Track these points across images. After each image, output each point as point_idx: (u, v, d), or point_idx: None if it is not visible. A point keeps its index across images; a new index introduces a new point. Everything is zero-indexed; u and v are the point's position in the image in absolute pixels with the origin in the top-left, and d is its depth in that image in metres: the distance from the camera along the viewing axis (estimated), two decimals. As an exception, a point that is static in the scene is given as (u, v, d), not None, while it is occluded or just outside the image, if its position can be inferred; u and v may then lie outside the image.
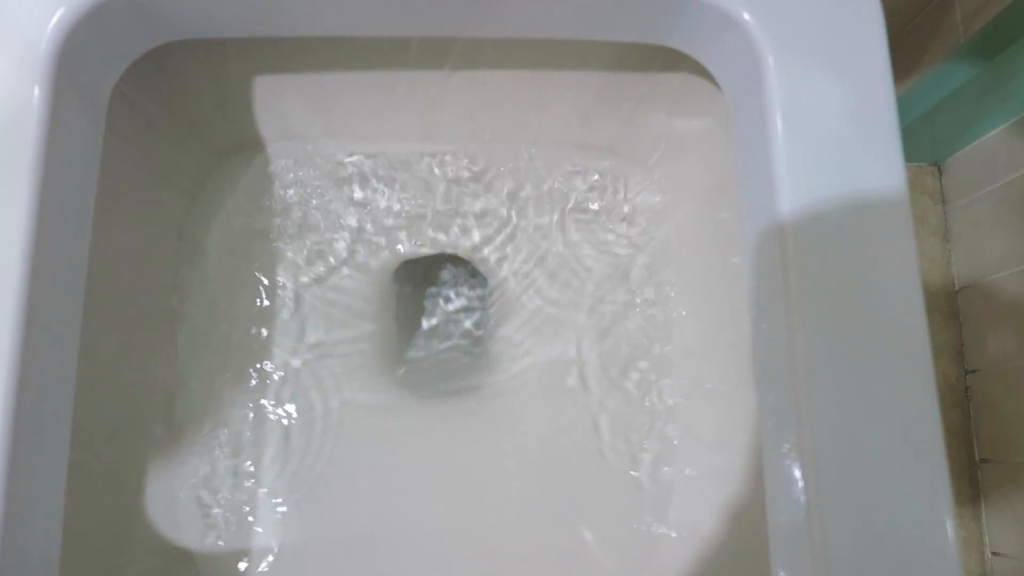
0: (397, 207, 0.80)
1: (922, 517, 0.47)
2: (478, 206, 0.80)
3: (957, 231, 0.96)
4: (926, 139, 0.95)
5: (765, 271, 0.53)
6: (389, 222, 0.80)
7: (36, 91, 0.48)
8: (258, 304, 0.76)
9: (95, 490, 0.62)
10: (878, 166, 0.52)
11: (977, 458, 0.91)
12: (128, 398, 0.68)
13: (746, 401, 0.66)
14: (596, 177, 0.80)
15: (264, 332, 0.75)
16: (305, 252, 0.78)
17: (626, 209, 0.80)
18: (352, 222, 0.79)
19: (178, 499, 0.70)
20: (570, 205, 0.80)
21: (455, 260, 0.87)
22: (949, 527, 0.46)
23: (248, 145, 0.78)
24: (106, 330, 0.64)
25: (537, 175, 0.80)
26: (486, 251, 0.81)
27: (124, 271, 0.67)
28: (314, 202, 0.79)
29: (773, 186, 0.51)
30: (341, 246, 0.79)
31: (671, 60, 0.67)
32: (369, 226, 0.79)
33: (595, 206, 0.80)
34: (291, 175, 0.78)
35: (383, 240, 0.80)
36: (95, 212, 0.56)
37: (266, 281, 0.76)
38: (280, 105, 0.74)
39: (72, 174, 0.53)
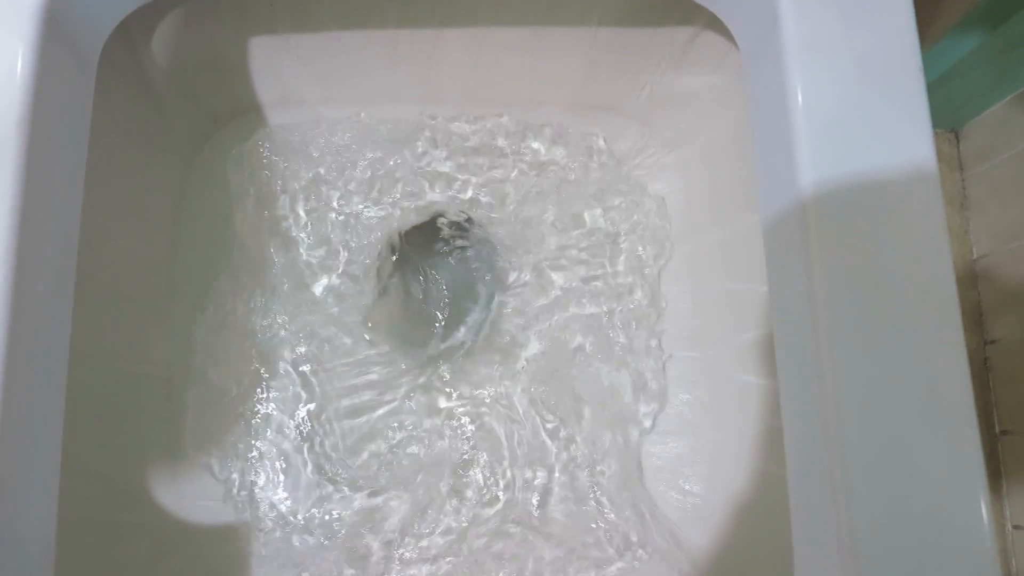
0: (399, 173, 0.78)
1: (954, 493, 0.44)
2: (480, 169, 0.78)
3: (975, 199, 0.93)
4: (942, 105, 0.92)
5: (784, 238, 0.50)
6: (391, 186, 0.78)
7: (22, 49, 0.46)
8: (258, 276, 0.74)
9: (91, 473, 0.60)
10: (904, 125, 0.49)
11: (997, 430, 0.89)
12: (125, 376, 0.66)
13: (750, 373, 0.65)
14: (600, 139, 0.78)
15: (265, 304, 0.73)
16: (306, 221, 0.76)
17: (632, 170, 0.77)
18: (353, 188, 0.77)
19: (178, 479, 0.68)
20: (574, 166, 0.77)
21: (456, 227, 0.85)
22: (983, 503, 0.44)
23: (246, 110, 0.75)
24: (99, 305, 0.62)
25: (540, 135, 0.77)
26: (486, 215, 0.78)
27: (116, 241, 0.65)
28: (316, 170, 0.76)
29: (792, 147, 0.48)
30: (339, 215, 0.76)
31: (680, 13, 0.65)
32: (374, 191, 0.77)
33: (599, 167, 0.77)
34: (291, 141, 0.76)
35: (386, 205, 0.78)
36: (85, 180, 0.54)
37: (267, 253, 0.74)
38: (278, 68, 0.72)
39: (60, 138, 0.51)
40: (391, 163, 0.77)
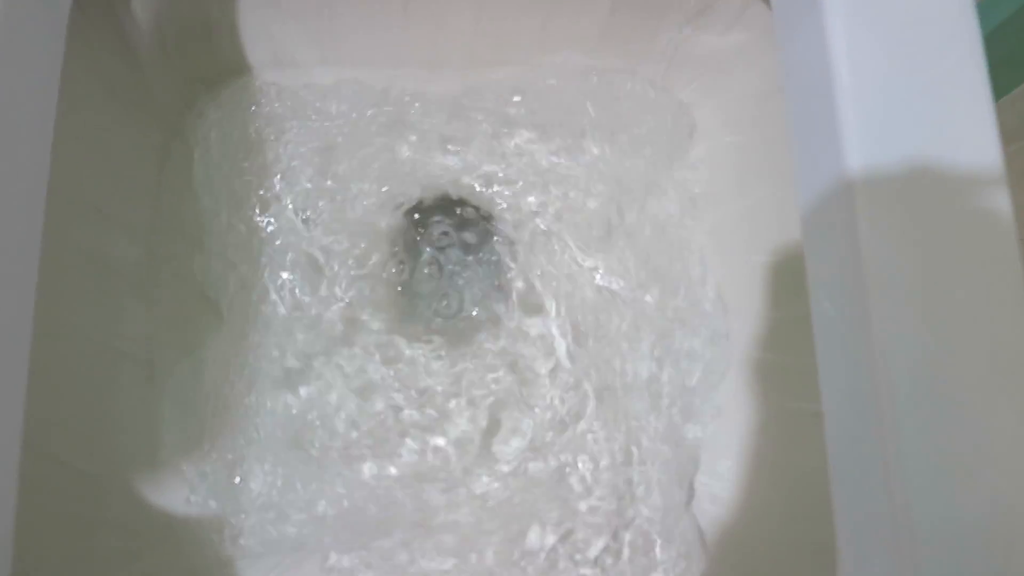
0: (404, 148, 0.72)
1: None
2: (489, 139, 0.72)
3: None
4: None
5: (827, 217, 0.45)
6: (394, 160, 0.72)
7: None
8: (247, 249, 0.68)
9: (59, 458, 0.54)
10: (962, 93, 0.44)
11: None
12: (101, 355, 0.60)
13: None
14: (615, 102, 0.72)
15: (256, 280, 0.68)
16: (299, 192, 0.70)
17: (650, 141, 0.72)
18: (350, 157, 0.71)
19: (158, 468, 0.62)
20: (587, 132, 0.72)
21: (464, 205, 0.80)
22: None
23: (235, 73, 0.70)
24: (71, 280, 0.56)
25: (550, 100, 0.72)
26: (498, 191, 0.73)
27: (93, 206, 0.60)
28: (311, 138, 0.71)
29: (836, 118, 0.43)
30: (336, 186, 0.71)
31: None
32: (374, 162, 0.72)
33: (612, 136, 0.72)
34: (283, 106, 0.70)
35: (387, 177, 0.72)
36: (58, 138, 0.49)
37: (258, 223, 0.69)
38: (268, 27, 0.67)
39: (25, 98, 0.46)
40: (392, 131, 0.72)
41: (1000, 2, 0.76)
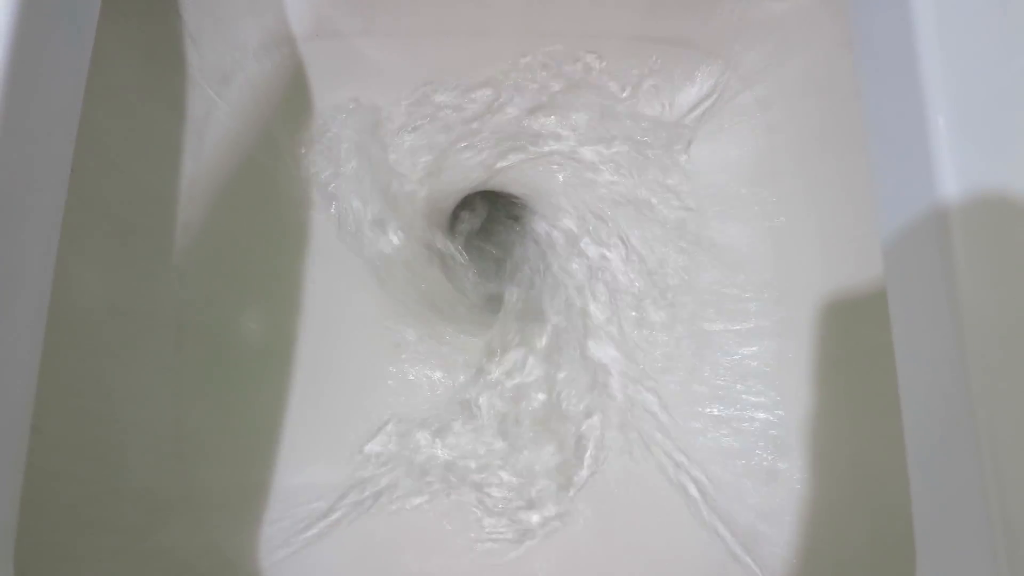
0: (450, 125, 0.70)
1: None
2: (536, 121, 0.69)
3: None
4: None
5: (911, 211, 0.40)
6: (440, 138, 0.70)
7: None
8: (282, 223, 0.67)
9: (75, 420, 0.54)
10: None
11: None
12: (125, 322, 0.59)
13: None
14: (668, 74, 0.68)
15: (294, 255, 0.66)
16: (345, 171, 0.69)
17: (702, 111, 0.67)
18: (398, 136, 0.69)
19: (183, 439, 0.60)
20: (640, 107, 0.68)
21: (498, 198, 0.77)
22: None
23: (275, 43, 0.68)
24: (96, 244, 0.56)
25: (602, 77, 0.68)
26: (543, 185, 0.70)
27: (125, 171, 0.59)
28: (357, 112, 0.69)
29: (919, 86, 0.38)
30: (385, 167, 0.69)
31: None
32: (416, 145, 0.70)
33: (666, 109, 0.68)
34: (327, 77, 0.69)
35: (435, 161, 0.71)
36: (84, 115, 0.49)
37: (300, 201, 0.68)
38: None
39: (55, 62, 0.45)
40: (445, 110, 0.70)
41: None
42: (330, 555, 0.60)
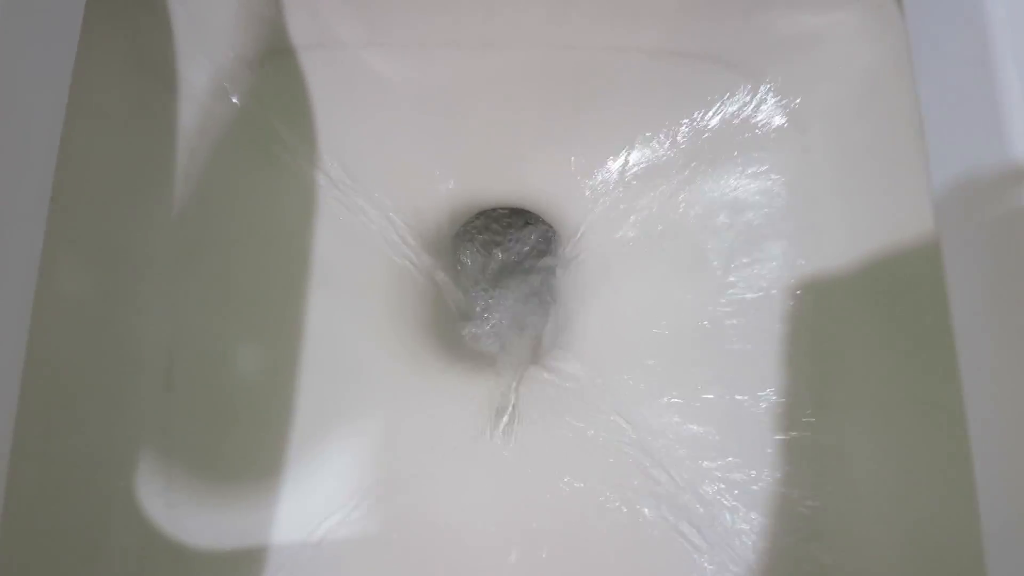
0: (459, 140, 0.66)
1: None
2: (551, 139, 0.65)
3: None
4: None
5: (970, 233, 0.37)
6: (448, 151, 0.66)
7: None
8: (285, 245, 0.62)
9: (56, 468, 0.49)
10: None
11: None
12: (114, 359, 0.54)
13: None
14: (699, 94, 0.64)
15: (295, 281, 0.62)
16: (346, 186, 0.64)
17: (739, 135, 0.63)
18: (403, 150, 0.65)
19: (172, 485, 0.55)
20: (668, 135, 0.64)
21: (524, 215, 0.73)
22: None
23: (275, 53, 0.64)
24: (82, 271, 0.51)
25: (623, 93, 0.64)
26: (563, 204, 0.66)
27: (109, 200, 0.54)
28: (358, 125, 0.65)
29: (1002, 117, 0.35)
30: (388, 183, 0.65)
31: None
32: (419, 162, 0.66)
33: (692, 129, 0.64)
34: (328, 89, 0.64)
35: (442, 177, 0.66)
36: (73, 111, 0.44)
37: (296, 221, 0.63)
38: (315, 3, 0.60)
39: (37, 71, 0.42)
40: (452, 122, 0.66)
41: None
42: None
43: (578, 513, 0.60)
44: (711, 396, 0.60)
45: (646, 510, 0.58)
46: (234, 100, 0.63)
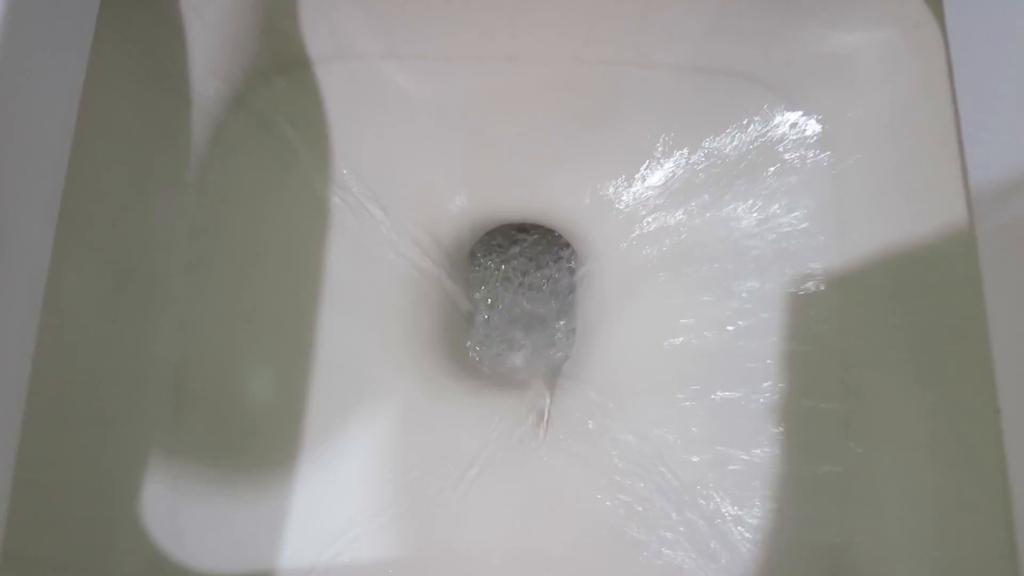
0: (479, 155, 0.65)
1: None
2: (574, 155, 0.63)
3: None
4: None
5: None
6: (467, 166, 0.65)
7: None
8: (298, 260, 0.61)
9: (65, 500, 0.47)
10: None
11: None
12: (121, 378, 0.53)
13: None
14: (726, 112, 0.62)
15: (309, 298, 0.60)
16: (364, 201, 0.63)
17: (767, 154, 0.61)
18: (420, 167, 0.64)
19: (179, 511, 0.54)
20: (694, 152, 0.62)
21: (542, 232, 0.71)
22: None
23: (292, 65, 0.62)
24: (90, 287, 0.49)
25: (648, 110, 0.62)
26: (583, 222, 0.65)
27: (118, 217, 0.53)
28: (379, 140, 0.63)
29: None
30: (411, 198, 0.64)
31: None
32: (437, 177, 0.64)
33: (722, 151, 0.62)
34: (346, 103, 0.63)
35: (460, 192, 0.65)
36: (84, 125, 0.43)
37: (313, 236, 0.61)
38: (330, 13, 0.59)
39: (47, 82, 0.40)
40: (472, 137, 0.64)
41: None
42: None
43: (594, 535, 0.58)
44: (729, 419, 0.58)
45: (668, 548, 0.56)
46: (248, 113, 0.61)
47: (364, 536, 0.57)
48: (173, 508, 0.53)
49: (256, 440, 0.57)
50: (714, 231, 0.61)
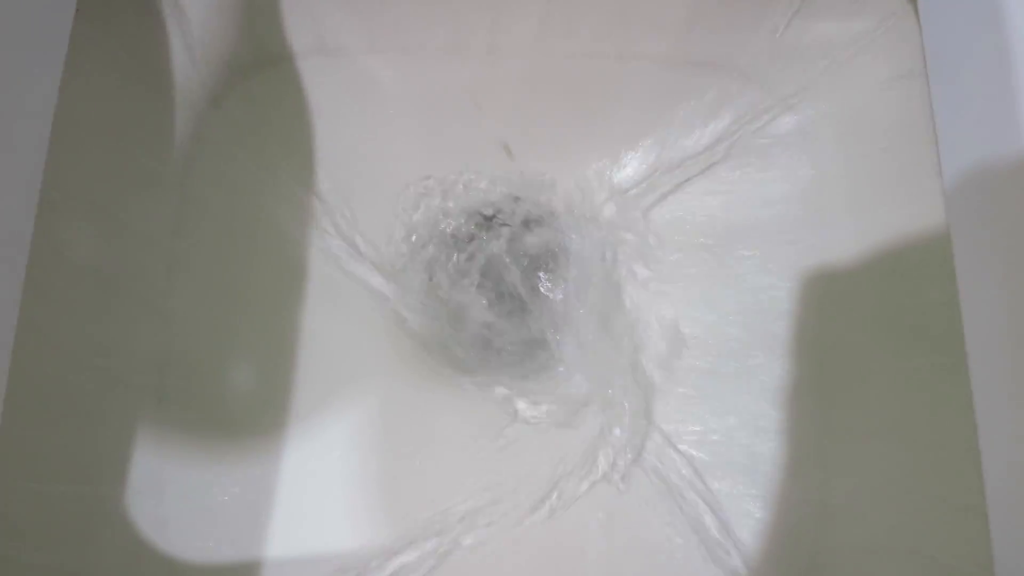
0: (462, 148, 0.65)
1: None
2: (558, 148, 0.64)
3: None
4: None
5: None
6: (450, 159, 0.65)
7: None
8: (280, 260, 0.61)
9: (48, 491, 0.47)
10: None
11: None
12: (104, 371, 0.53)
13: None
14: (709, 102, 0.62)
15: (293, 294, 0.60)
16: (348, 195, 0.63)
17: (749, 142, 0.61)
18: (403, 164, 0.64)
19: (164, 504, 0.54)
20: (675, 141, 0.62)
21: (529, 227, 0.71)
22: None
23: (275, 60, 0.62)
24: (73, 291, 0.50)
25: (632, 102, 0.63)
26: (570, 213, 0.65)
27: (98, 216, 0.53)
28: (360, 134, 0.63)
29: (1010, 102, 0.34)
30: (391, 190, 0.64)
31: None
32: (417, 169, 0.64)
33: (699, 138, 0.62)
34: (328, 98, 0.63)
35: (443, 186, 0.65)
36: (57, 139, 0.43)
37: (294, 233, 0.62)
38: (313, 8, 0.59)
39: (23, 77, 0.41)
40: (455, 130, 0.64)
41: None
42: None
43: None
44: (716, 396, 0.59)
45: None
46: (229, 109, 0.61)
47: (347, 526, 0.57)
48: (156, 499, 0.53)
49: (239, 433, 0.57)
50: (692, 222, 0.61)
